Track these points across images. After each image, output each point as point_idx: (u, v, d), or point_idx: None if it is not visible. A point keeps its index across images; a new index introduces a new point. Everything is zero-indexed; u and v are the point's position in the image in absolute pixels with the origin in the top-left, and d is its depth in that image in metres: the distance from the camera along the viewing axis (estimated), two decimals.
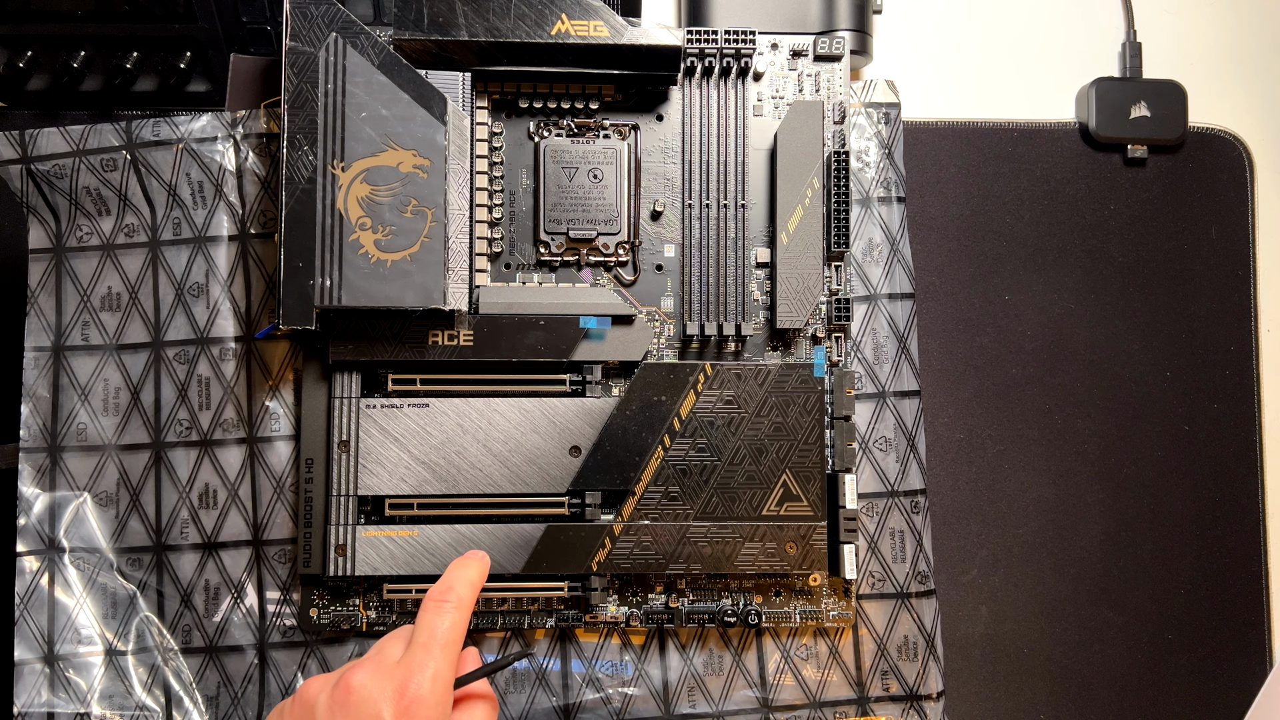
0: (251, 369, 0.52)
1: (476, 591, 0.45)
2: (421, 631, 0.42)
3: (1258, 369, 0.61)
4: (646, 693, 0.53)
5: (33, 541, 0.52)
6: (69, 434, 0.53)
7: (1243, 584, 0.59)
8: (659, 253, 0.54)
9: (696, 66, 0.53)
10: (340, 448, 0.51)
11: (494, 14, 0.50)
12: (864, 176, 0.55)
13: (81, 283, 0.53)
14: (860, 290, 0.55)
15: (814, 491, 0.52)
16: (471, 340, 0.51)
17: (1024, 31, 0.63)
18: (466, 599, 0.44)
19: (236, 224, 0.53)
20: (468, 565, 0.46)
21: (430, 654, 0.41)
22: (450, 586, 0.44)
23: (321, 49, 0.49)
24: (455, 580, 0.45)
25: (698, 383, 0.52)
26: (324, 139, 0.49)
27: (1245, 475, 0.60)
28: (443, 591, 0.44)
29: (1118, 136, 0.60)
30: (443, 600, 0.43)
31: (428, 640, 0.42)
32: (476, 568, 0.46)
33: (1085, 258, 0.60)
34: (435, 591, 0.44)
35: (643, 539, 0.51)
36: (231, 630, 0.52)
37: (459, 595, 0.44)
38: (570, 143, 0.54)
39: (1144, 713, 0.58)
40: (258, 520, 0.52)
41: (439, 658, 0.41)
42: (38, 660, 0.51)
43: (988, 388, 0.60)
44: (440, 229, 0.49)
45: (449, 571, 0.45)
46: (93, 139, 0.53)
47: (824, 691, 0.53)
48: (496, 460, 0.51)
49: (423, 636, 0.42)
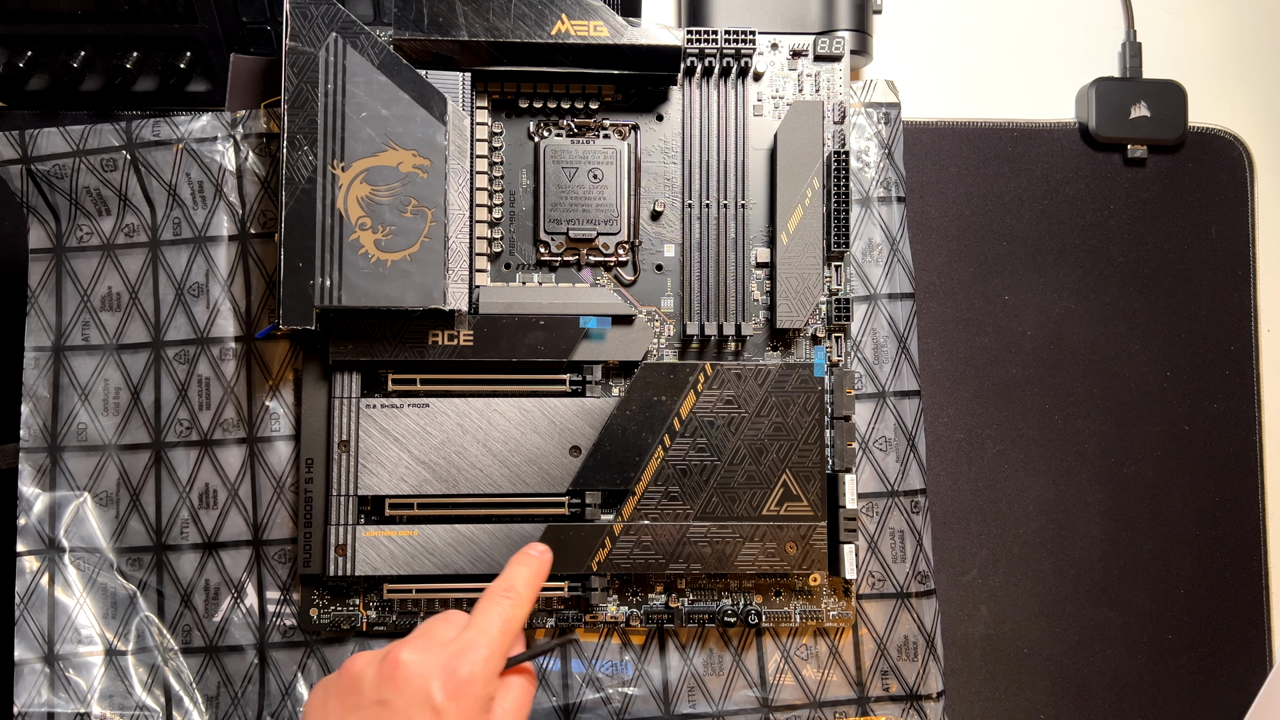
0: (251, 369, 0.52)
1: (536, 590, 0.45)
2: (482, 617, 0.42)
3: (1258, 369, 0.61)
4: (646, 693, 0.53)
5: (33, 541, 0.52)
6: (69, 434, 0.53)
7: (1243, 584, 0.59)
8: (659, 253, 0.54)
9: (696, 66, 0.53)
10: (340, 448, 0.51)
11: (494, 14, 0.50)
12: (864, 176, 0.55)
13: (81, 283, 0.53)
14: (860, 290, 0.55)
15: (814, 491, 0.52)
16: (471, 340, 0.51)
17: (1024, 31, 0.63)
18: (526, 596, 0.44)
19: (236, 224, 0.53)
20: (529, 561, 0.46)
21: (487, 636, 0.41)
22: (512, 584, 0.44)
23: (321, 49, 0.49)
24: (516, 577, 0.45)
25: (698, 383, 0.52)
26: (324, 139, 0.49)
27: (1245, 475, 0.60)
28: (505, 588, 0.44)
29: (1118, 136, 0.60)
30: (505, 594, 0.44)
31: (487, 625, 0.42)
32: (537, 565, 0.46)
33: (1085, 258, 0.60)
34: (497, 586, 0.44)
35: (643, 539, 0.51)
36: (231, 630, 0.52)
37: (519, 592, 0.44)
38: (570, 143, 0.54)
39: (1144, 713, 0.58)
40: (258, 520, 0.52)
41: (496, 642, 0.42)
42: (38, 660, 0.51)
43: (988, 388, 0.60)
44: (440, 229, 0.49)
45: (510, 568, 0.46)
46: (93, 139, 0.53)
47: (824, 691, 0.53)
48: (496, 460, 0.51)
49: (483, 621, 0.42)
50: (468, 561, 0.51)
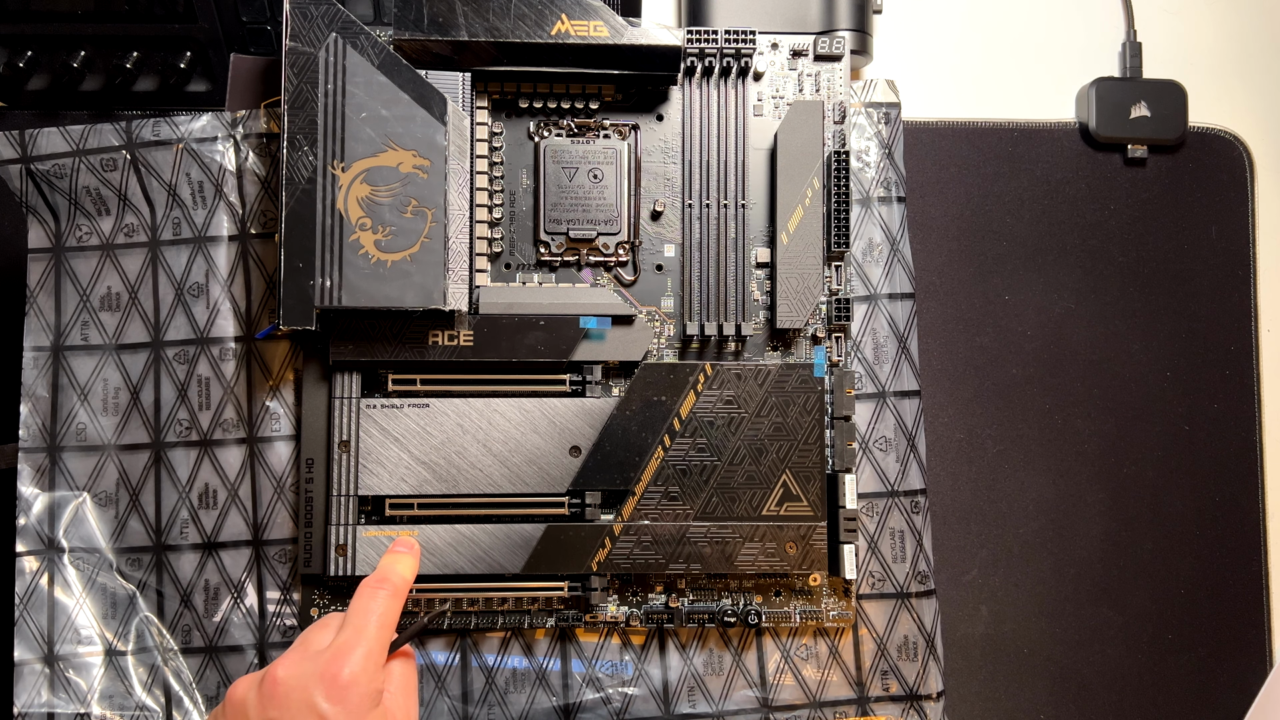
0: (251, 369, 0.52)
1: (409, 582, 0.47)
2: (356, 615, 0.43)
3: (1258, 369, 0.61)
4: (646, 693, 0.53)
5: (32, 541, 0.52)
6: (68, 434, 0.53)
7: (1243, 584, 0.59)
8: (659, 253, 0.54)
9: (696, 66, 0.53)
10: (340, 448, 0.51)
11: (494, 14, 0.50)
12: (864, 176, 0.55)
13: (81, 283, 0.53)
14: (860, 290, 0.55)
15: (814, 491, 0.52)
16: (471, 340, 0.51)
17: (1024, 31, 0.63)
18: (400, 588, 0.46)
19: (236, 224, 0.53)
20: (401, 556, 0.48)
21: (363, 635, 0.42)
22: (385, 575, 0.46)
23: (321, 49, 0.49)
24: (389, 569, 0.46)
25: (698, 383, 0.52)
26: (324, 139, 0.49)
27: (1245, 475, 0.60)
28: (378, 579, 0.45)
29: (1118, 136, 0.60)
30: (378, 586, 0.45)
31: (361, 623, 0.43)
32: (409, 560, 0.48)
33: (1085, 258, 0.60)
34: (370, 579, 0.46)
35: (643, 539, 0.51)
36: (231, 630, 0.52)
37: (393, 584, 0.45)
38: (570, 143, 0.54)
39: (1144, 713, 0.58)
40: (258, 520, 0.52)
41: (372, 638, 0.42)
42: (38, 660, 0.51)
43: (988, 388, 0.60)
44: (440, 229, 0.49)
45: (383, 561, 0.47)
46: (93, 139, 0.53)
47: (824, 691, 0.53)
48: (496, 460, 0.51)
49: (356, 620, 0.43)
50: (468, 561, 0.51)
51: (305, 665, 0.41)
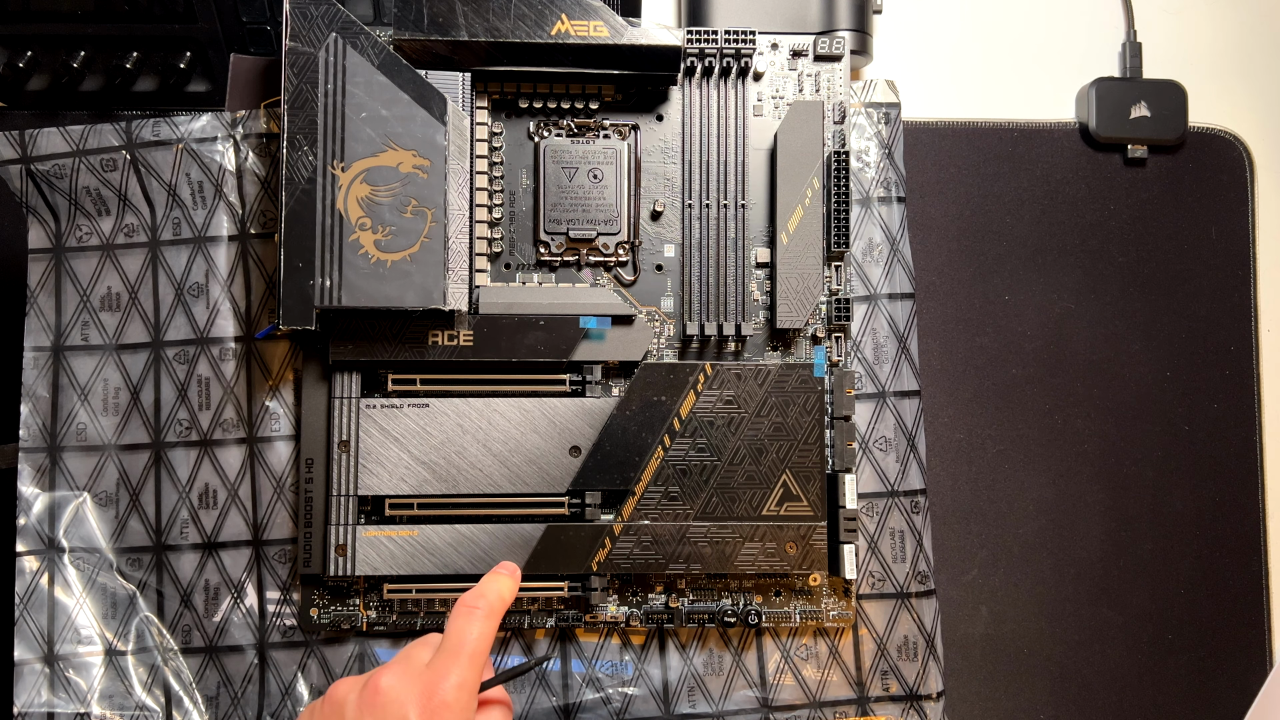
0: (251, 369, 0.52)
1: (506, 604, 0.46)
2: (451, 638, 0.43)
3: (1258, 369, 0.61)
4: (646, 693, 0.53)
5: (32, 541, 0.52)
6: (69, 434, 0.53)
7: (1243, 584, 0.59)
8: (659, 253, 0.54)
9: (696, 66, 0.53)
10: (340, 448, 0.51)
11: (494, 14, 0.50)
12: (864, 176, 0.55)
13: (81, 283, 0.53)
14: (860, 290, 0.55)
15: (814, 491, 0.52)
16: (471, 340, 0.51)
17: (1024, 31, 0.63)
18: (496, 609, 0.45)
19: (236, 224, 0.53)
20: (501, 577, 0.47)
21: (457, 661, 0.42)
22: (482, 594, 0.45)
23: (321, 49, 0.49)
24: (487, 589, 0.45)
25: (698, 383, 0.52)
26: (324, 139, 0.49)
27: (1245, 475, 0.60)
28: (474, 598, 0.45)
29: (1118, 136, 0.60)
30: (474, 607, 0.44)
31: (456, 647, 0.43)
32: (509, 581, 0.47)
33: (1085, 258, 0.60)
34: (468, 597, 0.45)
35: (643, 539, 0.51)
36: (231, 630, 0.52)
37: (489, 604, 0.44)
38: (570, 143, 0.54)
39: (1144, 713, 0.58)
40: (258, 520, 0.52)
41: (465, 665, 0.42)
42: (38, 660, 0.51)
43: (988, 388, 0.60)
44: (440, 229, 0.49)
45: (483, 581, 0.46)
46: (93, 139, 0.53)
47: (824, 691, 0.53)
48: (496, 460, 0.51)
49: (451, 643, 0.43)
50: (468, 561, 0.51)
51: (407, 680, 0.41)
